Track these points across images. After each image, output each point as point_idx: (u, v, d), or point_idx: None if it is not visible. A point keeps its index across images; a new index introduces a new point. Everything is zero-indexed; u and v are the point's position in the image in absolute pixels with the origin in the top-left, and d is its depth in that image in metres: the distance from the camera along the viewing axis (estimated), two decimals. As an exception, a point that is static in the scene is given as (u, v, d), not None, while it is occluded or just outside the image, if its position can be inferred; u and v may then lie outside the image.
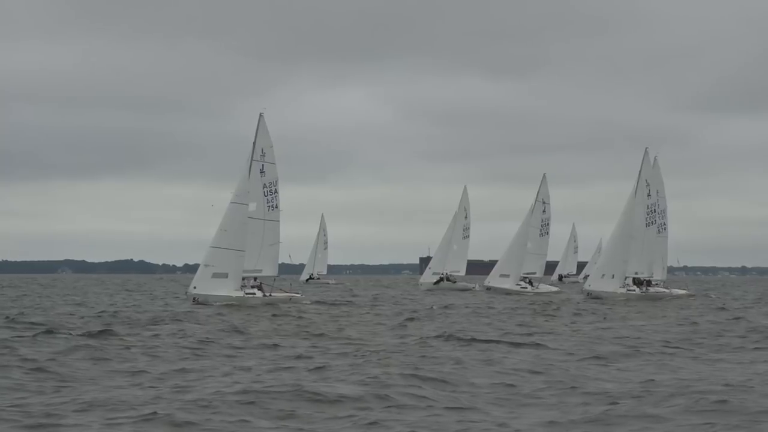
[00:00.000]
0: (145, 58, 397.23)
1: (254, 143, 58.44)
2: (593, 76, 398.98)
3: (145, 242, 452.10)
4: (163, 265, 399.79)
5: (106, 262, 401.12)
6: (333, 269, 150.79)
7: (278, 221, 58.80)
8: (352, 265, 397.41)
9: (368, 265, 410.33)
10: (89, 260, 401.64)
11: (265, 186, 58.32)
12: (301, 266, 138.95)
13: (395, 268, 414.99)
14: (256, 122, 58.46)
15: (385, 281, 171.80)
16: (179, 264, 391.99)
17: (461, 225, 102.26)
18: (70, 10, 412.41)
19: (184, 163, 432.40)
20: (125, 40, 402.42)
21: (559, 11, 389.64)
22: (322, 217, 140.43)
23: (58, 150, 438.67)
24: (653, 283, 77.05)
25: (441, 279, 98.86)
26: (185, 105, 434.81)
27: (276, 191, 58.62)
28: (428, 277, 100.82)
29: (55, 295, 77.52)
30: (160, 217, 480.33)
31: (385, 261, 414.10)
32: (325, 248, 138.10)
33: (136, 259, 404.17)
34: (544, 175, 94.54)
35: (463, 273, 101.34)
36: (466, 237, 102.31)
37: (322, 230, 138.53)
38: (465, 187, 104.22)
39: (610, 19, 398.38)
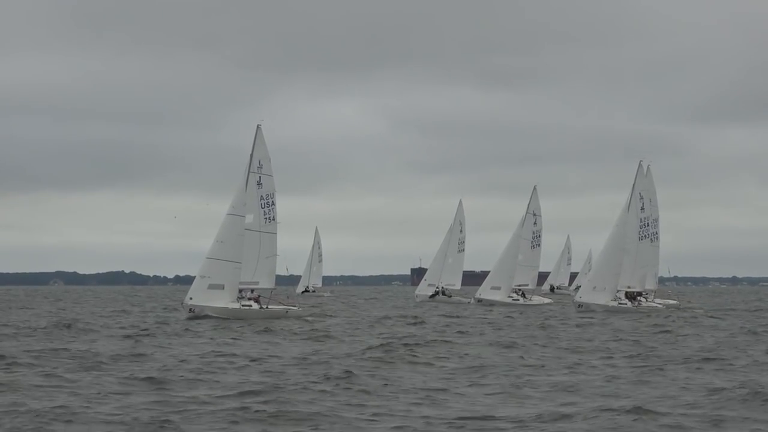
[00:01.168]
0: (138, 69, 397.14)
1: (251, 155, 58.39)
2: (587, 86, 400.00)
3: (136, 254, 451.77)
4: (154, 276, 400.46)
5: (98, 273, 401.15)
6: (323, 280, 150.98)
7: (275, 233, 58.71)
8: (342, 276, 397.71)
9: (358, 276, 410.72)
10: (81, 272, 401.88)
11: (262, 198, 58.25)
12: (293, 278, 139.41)
13: (385, 279, 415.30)
14: (254, 133, 58.47)
15: (386, 292, 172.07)
16: (170, 276, 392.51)
17: (456, 238, 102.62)
18: (62, 22, 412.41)
19: (175, 174, 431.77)
20: (118, 51, 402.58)
21: (554, 22, 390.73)
22: (316, 230, 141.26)
23: (50, 162, 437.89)
24: (644, 294, 77.37)
25: (436, 293, 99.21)
26: (177, 116, 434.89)
27: (273, 203, 58.55)
28: (423, 289, 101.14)
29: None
30: (151, 229, 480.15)
31: (375, 272, 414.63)
32: (320, 261, 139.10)
33: (127, 271, 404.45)
34: (534, 187, 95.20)
35: (458, 286, 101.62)
36: (461, 251, 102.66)
37: (317, 243, 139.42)
38: (460, 201, 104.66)
39: (604, 30, 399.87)
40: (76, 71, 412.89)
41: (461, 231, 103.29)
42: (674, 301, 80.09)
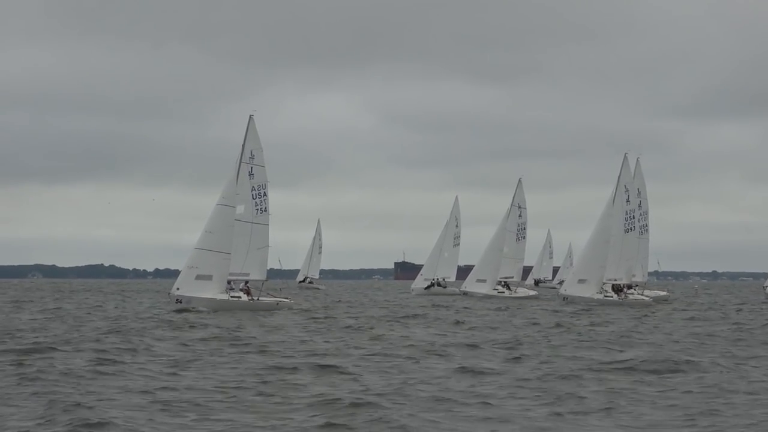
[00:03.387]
0: (129, 61, 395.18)
1: (243, 145, 57.78)
2: (577, 82, 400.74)
3: (116, 247, 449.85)
4: (134, 269, 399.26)
5: (77, 266, 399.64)
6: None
7: (267, 225, 58.06)
8: (322, 270, 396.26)
9: (339, 270, 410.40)
10: (60, 265, 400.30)
11: (253, 189, 57.61)
12: (283, 272, 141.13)
13: (366, 273, 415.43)
14: (246, 124, 57.93)
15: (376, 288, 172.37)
16: (150, 269, 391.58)
17: (452, 233, 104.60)
18: (47, 14, 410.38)
19: (161, 167, 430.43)
20: (106, 43, 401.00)
21: (545, 19, 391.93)
22: (318, 222, 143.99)
23: (35, 154, 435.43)
24: (634, 285, 77.25)
25: (432, 284, 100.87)
26: (166, 109, 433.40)
27: (265, 194, 57.88)
28: (420, 283, 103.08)
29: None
30: (132, 222, 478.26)
31: (356, 266, 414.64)
32: (320, 252, 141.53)
33: (106, 264, 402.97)
34: (519, 179, 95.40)
35: (453, 279, 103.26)
36: (457, 245, 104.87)
37: (318, 235, 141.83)
38: (456, 197, 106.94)
39: (595, 27, 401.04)
40: (62, 63, 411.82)
41: (457, 226, 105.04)
42: (664, 293, 79.82)
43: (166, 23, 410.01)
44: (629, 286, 76.53)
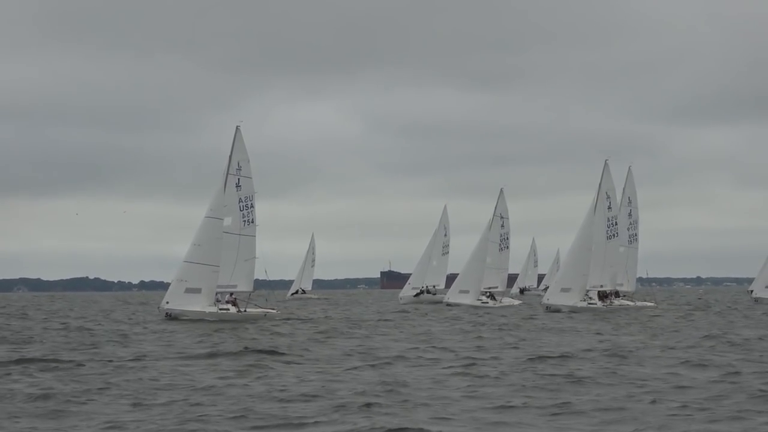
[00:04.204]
0: (115, 72, 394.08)
1: (230, 157, 58.13)
2: (566, 87, 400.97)
3: (101, 259, 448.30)
4: (119, 282, 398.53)
5: (62, 280, 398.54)
6: (291, 284, 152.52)
7: (254, 236, 58.45)
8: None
9: (323, 280, 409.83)
10: (45, 278, 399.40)
11: (240, 200, 57.99)
12: (270, 282, 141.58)
13: (351, 283, 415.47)
14: (232, 135, 58.19)
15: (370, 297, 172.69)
16: (135, 281, 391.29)
17: (440, 242, 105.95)
18: (33, 24, 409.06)
19: (146, 179, 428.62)
20: (94, 54, 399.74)
21: (533, 25, 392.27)
22: (312, 236, 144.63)
23: (22, 167, 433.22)
24: (621, 295, 77.45)
25: (421, 291, 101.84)
26: (153, 119, 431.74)
27: (252, 206, 58.25)
28: (408, 291, 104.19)
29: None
30: (117, 234, 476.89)
31: (341, 275, 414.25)
32: (313, 265, 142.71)
33: (91, 277, 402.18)
34: (501, 190, 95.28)
35: (442, 286, 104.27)
36: (446, 253, 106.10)
37: (311, 248, 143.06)
38: (445, 206, 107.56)
39: (584, 32, 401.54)
40: (48, 74, 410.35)
41: (446, 235, 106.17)
42: (651, 304, 79.37)
43: (153, 33, 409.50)
44: (616, 294, 76.78)
